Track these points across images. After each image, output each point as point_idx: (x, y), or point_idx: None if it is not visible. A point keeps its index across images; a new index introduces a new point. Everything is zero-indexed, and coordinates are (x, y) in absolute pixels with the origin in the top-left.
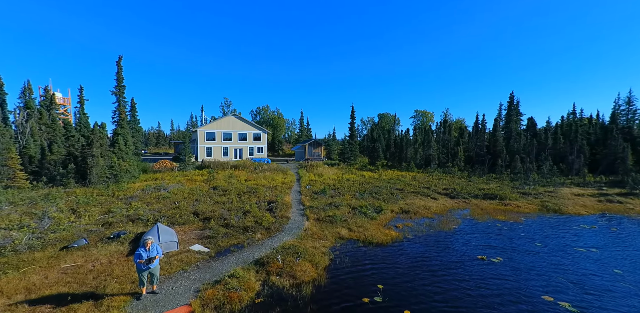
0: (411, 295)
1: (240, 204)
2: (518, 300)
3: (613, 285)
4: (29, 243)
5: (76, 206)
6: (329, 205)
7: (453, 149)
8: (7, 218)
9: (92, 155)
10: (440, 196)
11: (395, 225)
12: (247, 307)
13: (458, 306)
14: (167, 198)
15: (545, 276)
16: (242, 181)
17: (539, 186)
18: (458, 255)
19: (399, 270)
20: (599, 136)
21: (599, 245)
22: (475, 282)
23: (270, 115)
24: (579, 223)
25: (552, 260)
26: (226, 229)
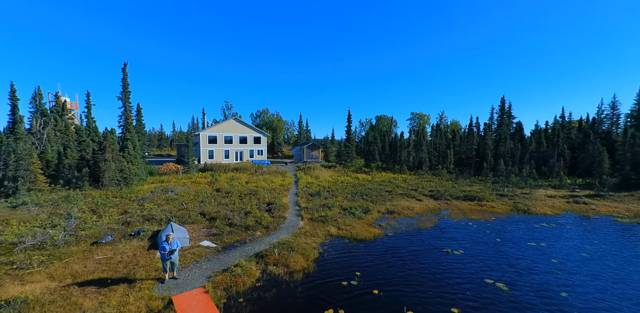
0: (382, 279)
1: (242, 205)
2: (464, 281)
3: (545, 270)
4: (65, 239)
5: (95, 207)
6: (322, 206)
7: (444, 152)
8: (38, 218)
9: (105, 160)
10: (425, 198)
11: (379, 223)
12: (249, 289)
13: (415, 285)
14: (175, 200)
15: (493, 264)
16: (243, 184)
17: (517, 188)
18: (427, 248)
19: (375, 260)
20: (579, 140)
21: (549, 240)
22: (436, 268)
23: (269, 118)
24: (541, 221)
25: (503, 251)
26: (230, 228)
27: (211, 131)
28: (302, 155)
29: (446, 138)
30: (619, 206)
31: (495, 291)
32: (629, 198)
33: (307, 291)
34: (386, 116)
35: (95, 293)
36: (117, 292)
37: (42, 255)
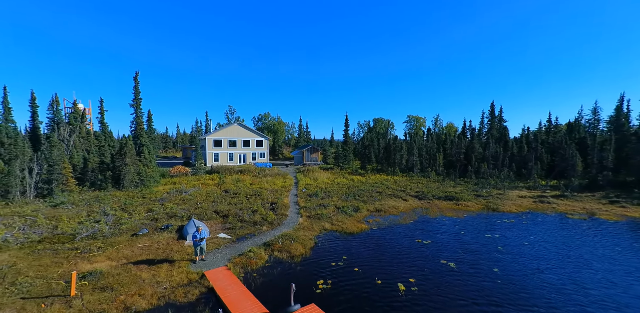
0: (362, 260)
1: (249, 205)
2: (425, 261)
3: (488, 253)
4: (110, 232)
5: (124, 206)
6: (319, 205)
7: (433, 156)
8: (79, 215)
9: (125, 164)
10: (410, 198)
11: (367, 220)
12: (260, 267)
13: (386, 264)
14: (189, 200)
15: (451, 249)
16: (248, 185)
17: (495, 189)
18: (402, 239)
19: (359, 247)
20: (557, 144)
21: (503, 232)
22: (405, 252)
23: (270, 121)
24: (504, 218)
25: (462, 240)
26: (241, 223)
27: (216, 135)
28: (302, 158)
29: (438, 141)
30: (577, 205)
31: (445, 267)
32: (589, 198)
33: (304, 269)
34: (383, 118)
35: (147, 269)
36: (163, 269)
37: (97, 243)
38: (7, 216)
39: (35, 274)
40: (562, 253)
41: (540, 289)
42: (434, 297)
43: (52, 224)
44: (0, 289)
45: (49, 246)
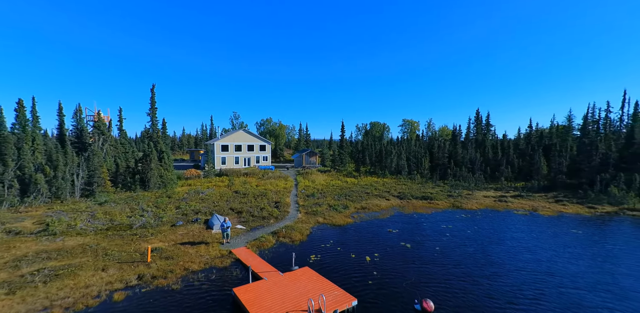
0: (344, 242)
1: (257, 203)
2: (389, 243)
3: (437, 239)
4: (155, 223)
5: (156, 204)
6: (315, 204)
7: (420, 160)
8: (124, 211)
9: (151, 169)
10: (393, 198)
11: (353, 215)
12: (270, 247)
13: (361, 244)
14: (207, 199)
15: (411, 235)
16: (254, 187)
17: (466, 190)
18: (377, 228)
19: (343, 235)
20: (525, 150)
21: (456, 224)
22: (376, 238)
23: (272, 126)
24: (463, 214)
25: (422, 229)
26: (252, 217)
27: (223, 141)
28: (302, 161)
29: (429, 145)
30: (528, 203)
31: (402, 247)
32: (541, 197)
33: (302, 248)
34: (379, 122)
35: (190, 247)
36: (201, 247)
37: (149, 231)
38: (68, 212)
39: (117, 249)
40: (489, 236)
41: (458, 255)
42: (388, 263)
43: (108, 217)
44: (101, 258)
45: (116, 233)
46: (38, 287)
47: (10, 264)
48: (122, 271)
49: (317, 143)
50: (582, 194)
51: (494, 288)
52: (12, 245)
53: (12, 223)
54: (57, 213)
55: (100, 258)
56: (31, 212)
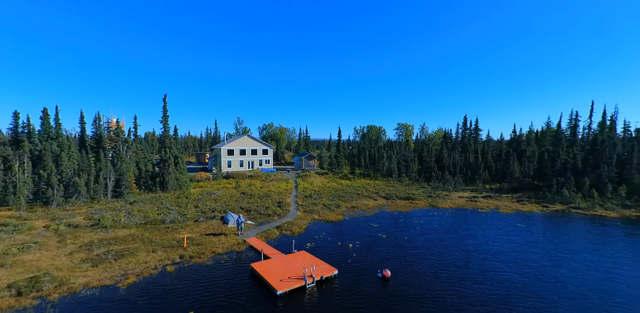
0: (334, 234)
1: (262, 203)
2: (369, 234)
3: (406, 230)
4: (182, 219)
5: (177, 204)
6: (312, 203)
7: (408, 163)
8: (153, 209)
9: (169, 172)
10: (380, 198)
11: (344, 213)
12: (275, 238)
13: (347, 235)
14: (219, 200)
15: (387, 228)
16: (258, 188)
17: (445, 191)
18: (361, 223)
19: (334, 228)
20: (501, 155)
21: (428, 219)
22: (359, 230)
23: (274, 131)
24: (436, 212)
25: (398, 223)
26: (259, 215)
27: (229, 146)
28: (302, 164)
29: (421, 148)
30: (494, 203)
31: (379, 237)
32: (507, 198)
33: (300, 238)
34: (375, 126)
35: (214, 237)
36: (222, 237)
37: (178, 225)
38: (107, 210)
39: (158, 238)
40: (448, 228)
41: (419, 242)
42: (364, 248)
43: (142, 214)
44: (148, 244)
45: (152, 226)
46: (112, 263)
47: (84, 248)
48: (167, 253)
49: (316, 144)
50: (542, 195)
51: (436, 262)
52: (78, 235)
53: (67, 219)
54: (99, 211)
55: (147, 244)
56: (76, 210)
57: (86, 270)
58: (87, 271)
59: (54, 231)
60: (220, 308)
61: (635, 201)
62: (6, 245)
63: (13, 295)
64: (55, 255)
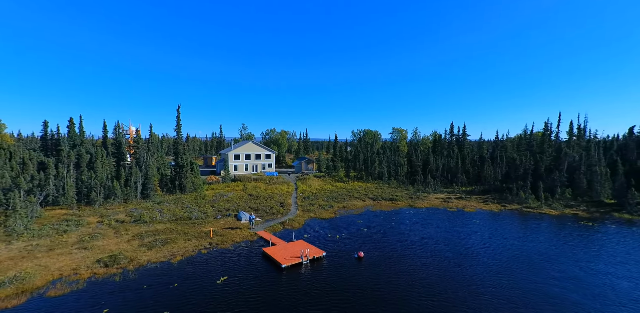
0: (327, 228)
1: (267, 204)
2: (354, 227)
3: (382, 224)
4: (204, 216)
5: (196, 204)
6: (309, 204)
7: (397, 168)
8: (178, 208)
9: (186, 177)
10: (368, 199)
11: (336, 212)
12: (279, 231)
13: (338, 228)
14: (231, 200)
15: (369, 224)
16: (263, 190)
17: (424, 193)
18: (350, 220)
19: (326, 224)
20: (477, 160)
21: (402, 217)
22: (347, 226)
23: (276, 136)
24: (412, 211)
25: (379, 220)
26: (266, 213)
27: (236, 151)
28: (301, 167)
29: (414, 152)
30: (463, 203)
31: (361, 231)
32: (475, 199)
33: (298, 231)
34: (371, 130)
35: (231, 230)
36: (237, 231)
37: (202, 221)
38: (141, 209)
39: (189, 231)
40: (417, 222)
41: (390, 232)
42: (348, 238)
43: (171, 212)
44: (183, 235)
45: (182, 222)
46: (161, 247)
47: (136, 237)
48: (199, 241)
49: (317, 145)
50: (504, 197)
51: (399, 246)
52: (127, 228)
53: (113, 216)
54: (135, 210)
55: (182, 235)
56: (116, 209)
57: (145, 252)
58: (145, 252)
59: (107, 225)
60: (245, 275)
61: (579, 202)
62: (78, 235)
63: (102, 267)
64: (117, 242)
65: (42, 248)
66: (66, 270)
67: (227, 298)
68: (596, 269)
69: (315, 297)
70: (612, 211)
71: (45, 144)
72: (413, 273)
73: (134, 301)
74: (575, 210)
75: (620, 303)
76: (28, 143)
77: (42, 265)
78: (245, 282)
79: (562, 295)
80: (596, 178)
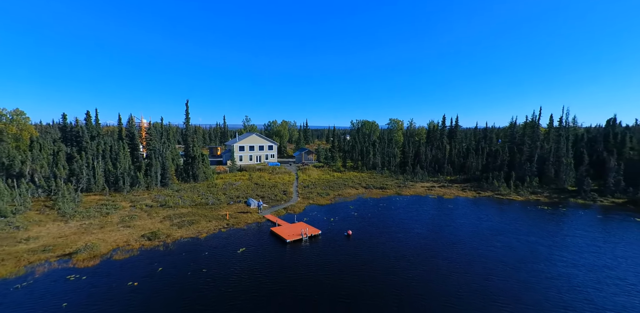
0: (322, 213)
1: (272, 192)
2: (346, 212)
3: (369, 209)
4: (218, 202)
5: (210, 191)
6: (309, 192)
7: (390, 158)
8: (194, 195)
9: (199, 167)
10: (361, 188)
11: (331, 199)
12: (283, 215)
13: (333, 212)
14: (239, 189)
15: (359, 209)
16: (267, 180)
17: (411, 182)
18: (344, 206)
19: (322, 209)
20: (464, 151)
21: (388, 203)
22: (341, 211)
23: (277, 128)
24: (398, 198)
25: (367, 206)
26: (271, 200)
27: (240, 143)
28: (301, 158)
29: (409, 142)
30: (444, 191)
31: (352, 215)
32: (456, 187)
33: (299, 215)
34: (369, 121)
35: (243, 214)
36: (248, 214)
37: (218, 205)
38: (163, 195)
39: (208, 214)
40: (400, 207)
41: (376, 215)
42: (341, 220)
43: (190, 198)
44: (204, 217)
45: (201, 207)
46: (188, 227)
47: (166, 218)
48: (218, 222)
49: (317, 133)
50: (481, 185)
51: (381, 226)
52: (156, 211)
53: (141, 201)
54: (158, 196)
55: (203, 217)
56: (141, 195)
57: (176, 230)
58: (177, 230)
59: (140, 209)
60: (258, 247)
61: (545, 189)
62: (118, 216)
63: (147, 240)
64: (152, 222)
65: (94, 226)
66: (120, 242)
67: (247, 262)
68: (528, 240)
69: (313, 263)
70: (570, 197)
71: (65, 136)
72: (387, 245)
73: (179, 262)
74: (538, 196)
75: (533, 262)
76: (45, 131)
77: (100, 239)
78: (259, 252)
79: (494, 257)
80: (562, 168)
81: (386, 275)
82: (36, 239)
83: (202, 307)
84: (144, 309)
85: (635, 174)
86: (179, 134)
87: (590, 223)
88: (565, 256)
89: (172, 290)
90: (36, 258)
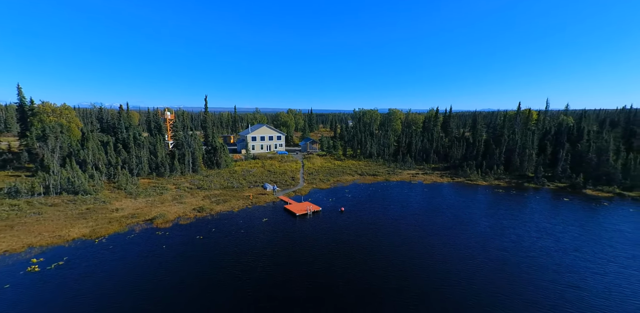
0: (323, 195)
1: (283, 178)
2: (341, 195)
3: (361, 192)
4: (241, 186)
5: (232, 177)
6: (313, 178)
7: (383, 148)
8: (221, 180)
9: (221, 156)
10: (356, 175)
11: (331, 184)
12: (292, 196)
13: (330, 196)
14: (255, 175)
15: (354, 191)
16: (277, 167)
17: (400, 169)
18: (341, 190)
19: (322, 192)
20: (449, 141)
21: (377, 188)
22: (338, 194)
23: (284, 118)
24: (386, 183)
25: (359, 188)
26: (282, 184)
27: (253, 134)
28: (306, 147)
29: (397, 134)
30: (425, 177)
31: (347, 196)
32: (436, 174)
33: (305, 197)
34: (370, 110)
35: (261, 195)
36: (266, 196)
37: (242, 189)
38: (197, 180)
39: (235, 195)
40: (386, 190)
41: (365, 197)
42: (337, 200)
43: (218, 183)
44: (232, 197)
45: (228, 189)
46: (224, 204)
47: (205, 198)
48: (244, 201)
49: (322, 118)
50: (457, 172)
51: (369, 205)
52: (195, 192)
53: (181, 184)
54: (193, 180)
55: (233, 197)
56: (179, 180)
57: (216, 206)
58: (216, 206)
59: (183, 190)
60: (276, 218)
61: (508, 176)
62: (170, 195)
63: (197, 212)
64: (196, 200)
65: (156, 202)
66: (180, 213)
67: (269, 227)
68: (472, 212)
69: (315, 230)
70: (525, 182)
71: (103, 127)
72: (368, 216)
73: (224, 226)
74: (501, 181)
75: (468, 225)
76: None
77: (165, 210)
78: (277, 221)
79: (443, 224)
80: (525, 157)
81: (363, 234)
82: (122, 210)
83: (245, 248)
84: (215, 247)
85: (580, 163)
86: (192, 121)
87: (524, 200)
88: (490, 221)
89: (226, 240)
90: (130, 221)
